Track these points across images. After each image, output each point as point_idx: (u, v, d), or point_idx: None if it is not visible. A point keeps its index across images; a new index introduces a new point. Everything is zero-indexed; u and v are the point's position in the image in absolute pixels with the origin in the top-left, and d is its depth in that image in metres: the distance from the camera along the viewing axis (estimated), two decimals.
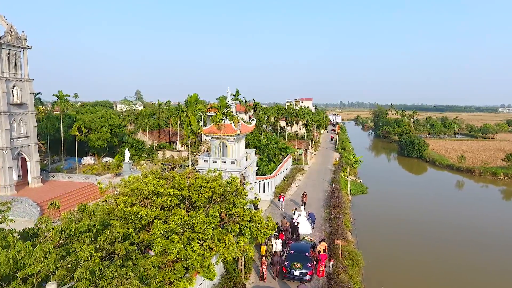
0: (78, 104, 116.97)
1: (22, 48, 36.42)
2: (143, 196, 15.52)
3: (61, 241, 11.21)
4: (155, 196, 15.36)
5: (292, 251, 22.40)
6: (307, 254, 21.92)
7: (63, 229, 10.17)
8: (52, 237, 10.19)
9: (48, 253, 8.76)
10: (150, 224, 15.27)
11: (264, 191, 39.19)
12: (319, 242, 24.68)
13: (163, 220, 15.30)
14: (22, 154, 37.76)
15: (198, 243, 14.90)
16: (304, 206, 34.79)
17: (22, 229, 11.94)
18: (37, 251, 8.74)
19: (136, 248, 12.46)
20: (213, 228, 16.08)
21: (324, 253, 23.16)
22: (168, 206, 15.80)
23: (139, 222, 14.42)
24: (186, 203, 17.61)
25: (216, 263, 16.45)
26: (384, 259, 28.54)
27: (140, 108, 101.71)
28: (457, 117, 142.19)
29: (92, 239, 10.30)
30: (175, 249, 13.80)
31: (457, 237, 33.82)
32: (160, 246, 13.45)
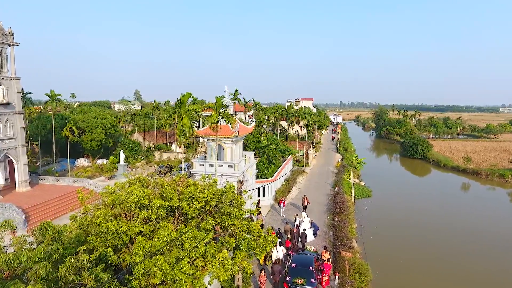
0: (76, 104, 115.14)
1: (8, 44, 34.52)
2: (125, 208, 13.61)
3: (19, 270, 9.23)
4: (137, 210, 13.43)
5: (294, 264, 20.45)
6: (310, 268, 19.99)
7: (11, 259, 8.27)
8: None
9: None
10: (134, 240, 13.38)
11: (264, 196, 37.31)
12: (323, 251, 22.83)
13: (148, 235, 13.41)
14: (9, 157, 35.85)
15: (188, 261, 13.01)
16: (305, 210, 33.08)
17: None
18: None
19: (113, 273, 10.52)
20: (206, 243, 14.22)
21: (328, 262, 21.34)
22: (154, 220, 13.89)
23: (119, 239, 12.51)
24: (176, 214, 15.69)
25: (209, 283, 14.56)
26: (393, 269, 26.64)
27: (138, 108, 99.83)
28: (460, 117, 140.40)
29: (51, 269, 8.39)
30: (161, 271, 11.93)
31: (467, 242, 32.10)
32: (143, 268, 11.57)
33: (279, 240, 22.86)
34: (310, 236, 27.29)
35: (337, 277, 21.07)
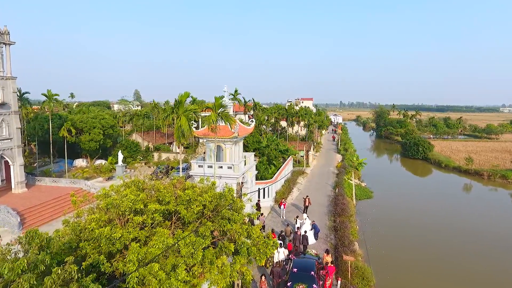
0: (75, 104, 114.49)
1: (4, 43, 33.94)
2: (119, 213, 13.04)
3: (1, 283, 8.63)
4: (132, 215, 12.86)
5: (295, 269, 19.87)
6: (312, 272, 19.42)
7: None
8: None
9: None
10: (129, 247, 12.81)
11: (264, 197, 36.72)
12: (325, 254, 22.29)
13: (143, 241, 12.83)
14: (4, 158, 35.28)
15: (185, 269, 12.44)
16: (306, 211, 32.56)
17: None
18: None
19: (106, 282, 9.95)
20: (204, 249, 13.66)
21: (332, 265, 20.80)
22: (150, 225, 13.32)
23: (113, 245, 11.93)
24: (173, 218, 15.11)
25: None
26: (395, 271, 26.07)
27: (138, 108, 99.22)
28: (461, 117, 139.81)
29: (35, 282, 7.83)
30: (156, 279, 11.36)
31: (469, 242, 31.61)
32: (137, 277, 11.00)
33: (280, 242, 22.37)
34: (311, 239, 26.74)
35: (339, 282, 20.48)
